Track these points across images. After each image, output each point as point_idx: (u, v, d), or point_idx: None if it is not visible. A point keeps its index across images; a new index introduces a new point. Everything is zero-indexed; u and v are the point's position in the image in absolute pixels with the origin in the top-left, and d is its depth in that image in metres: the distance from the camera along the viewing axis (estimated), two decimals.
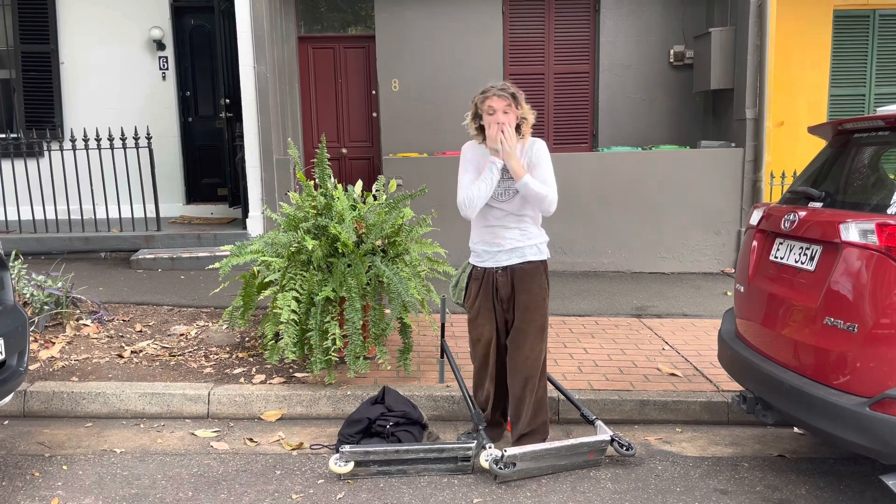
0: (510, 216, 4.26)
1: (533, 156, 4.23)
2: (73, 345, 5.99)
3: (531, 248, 4.30)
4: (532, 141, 4.29)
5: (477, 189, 4.15)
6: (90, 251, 9.38)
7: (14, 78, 10.95)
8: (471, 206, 4.17)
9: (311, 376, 5.26)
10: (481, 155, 4.28)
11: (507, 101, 4.15)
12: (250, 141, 9.31)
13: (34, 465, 4.33)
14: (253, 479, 4.17)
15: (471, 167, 4.27)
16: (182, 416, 5.05)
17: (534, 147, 4.26)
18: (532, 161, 4.21)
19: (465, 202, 4.17)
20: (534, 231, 4.32)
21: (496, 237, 4.28)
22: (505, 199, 4.23)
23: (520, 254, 4.28)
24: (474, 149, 4.34)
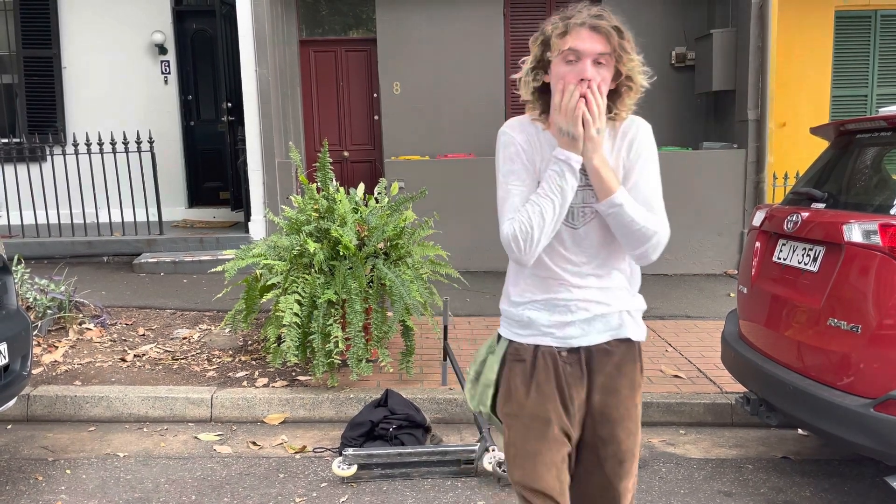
0: (587, 256, 2.31)
1: (632, 151, 2.27)
2: (76, 349, 5.99)
3: (625, 318, 2.36)
4: (629, 122, 2.30)
5: (538, 213, 2.18)
6: (93, 255, 9.38)
7: (16, 83, 10.97)
8: (529, 243, 2.20)
9: (313, 379, 5.26)
10: (538, 144, 2.28)
11: (603, 41, 2.19)
12: (252, 144, 9.31)
13: (37, 469, 4.34)
14: (256, 482, 4.16)
15: (518, 168, 2.27)
16: (185, 419, 5.05)
17: (633, 133, 2.29)
18: (630, 160, 2.27)
19: (520, 237, 2.19)
20: (624, 286, 2.36)
21: (561, 294, 2.32)
22: (578, 224, 2.28)
23: (604, 325, 2.34)
24: (524, 131, 2.31)
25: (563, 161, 2.15)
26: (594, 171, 2.16)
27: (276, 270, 5.32)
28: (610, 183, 2.15)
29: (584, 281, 2.29)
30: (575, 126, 2.12)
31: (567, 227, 2.26)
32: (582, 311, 2.29)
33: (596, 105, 2.11)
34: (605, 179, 2.15)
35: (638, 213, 2.15)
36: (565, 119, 2.13)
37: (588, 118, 2.11)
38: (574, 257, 2.28)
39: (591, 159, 2.15)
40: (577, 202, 2.23)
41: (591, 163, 2.15)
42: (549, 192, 2.16)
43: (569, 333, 2.30)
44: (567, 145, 2.15)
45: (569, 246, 2.27)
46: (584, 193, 2.23)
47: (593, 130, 2.12)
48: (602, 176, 2.15)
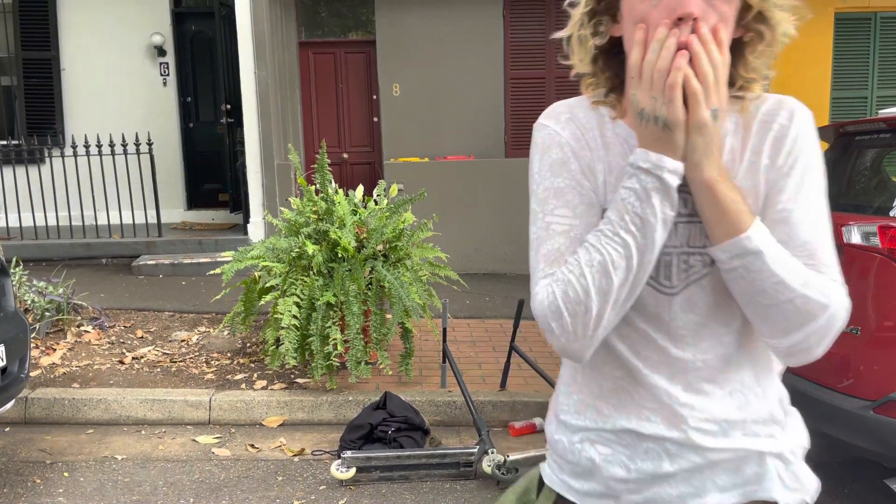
0: (696, 345, 1.37)
1: (780, 156, 1.34)
2: (74, 351, 5.98)
3: (770, 466, 1.38)
4: (774, 104, 1.36)
5: (599, 268, 1.27)
6: (91, 257, 9.37)
7: (15, 84, 10.96)
8: (582, 323, 1.29)
9: (312, 382, 5.25)
10: (603, 144, 1.39)
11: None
12: (251, 146, 9.30)
13: (35, 471, 4.32)
14: (254, 485, 4.15)
15: (566, 186, 1.37)
16: (183, 422, 5.04)
17: (783, 124, 1.35)
18: (776, 173, 1.34)
19: (565, 310, 1.29)
20: (767, 401, 1.40)
21: (650, 420, 1.38)
22: (676, 286, 1.36)
23: (731, 477, 1.38)
24: (577, 123, 1.41)
25: (646, 172, 1.24)
26: (707, 190, 1.25)
27: (274, 272, 5.31)
28: (736, 211, 1.23)
29: (693, 394, 1.35)
30: (670, 106, 1.20)
31: (655, 290, 1.33)
32: (689, 455, 1.35)
33: (709, 65, 1.20)
34: (727, 205, 1.24)
35: (789, 269, 1.23)
36: (651, 93, 1.21)
37: (695, 88, 1.19)
38: (672, 346, 1.34)
39: (700, 168, 1.24)
40: (673, 246, 1.32)
41: (702, 175, 1.24)
42: (619, 228, 1.25)
43: (663, 496, 1.37)
44: (655, 142, 1.24)
45: (660, 325, 1.34)
46: (688, 230, 1.32)
47: (704, 113, 1.20)
48: (721, 199, 1.24)
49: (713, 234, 1.27)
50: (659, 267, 1.33)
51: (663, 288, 1.34)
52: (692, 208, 1.31)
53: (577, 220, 1.34)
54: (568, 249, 1.32)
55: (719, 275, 1.30)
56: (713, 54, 1.20)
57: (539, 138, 1.40)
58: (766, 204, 1.32)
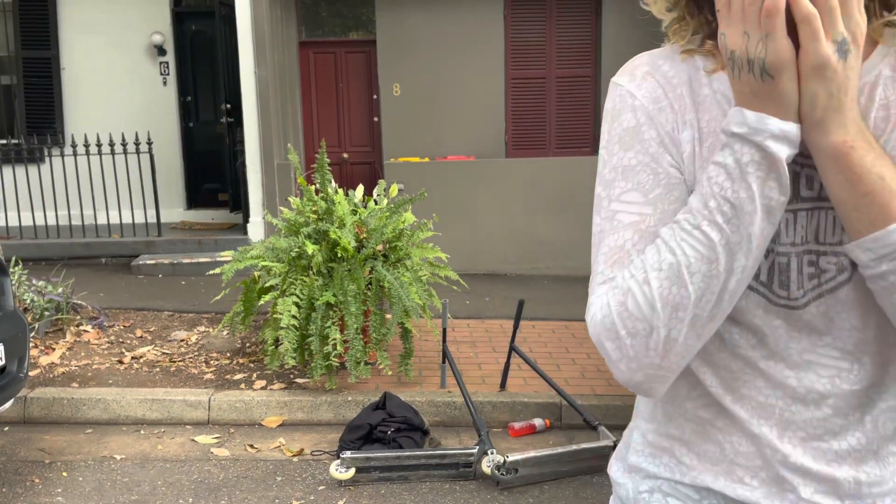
0: (832, 380, 1.01)
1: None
2: (73, 351, 5.98)
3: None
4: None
5: (675, 271, 0.95)
6: (91, 257, 9.36)
7: (15, 83, 10.95)
8: (652, 345, 0.96)
9: (311, 382, 5.24)
10: (694, 104, 1.04)
11: None
12: (251, 146, 9.30)
13: (34, 471, 4.31)
14: (253, 485, 4.15)
15: (640, 163, 1.04)
16: (182, 422, 5.03)
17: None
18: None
19: (624, 328, 0.97)
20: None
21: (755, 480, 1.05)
22: (798, 296, 1.00)
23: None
24: (664, 77, 1.06)
25: (742, 139, 0.92)
26: (836, 161, 0.91)
27: (274, 272, 5.30)
28: (882, 191, 0.90)
29: (812, 453, 1.02)
30: (768, 41, 0.88)
31: (768, 302, 1.01)
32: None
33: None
34: (868, 181, 0.90)
35: None
36: (743, 26, 0.90)
37: (806, 11, 0.87)
38: (790, 383, 1.02)
39: (824, 129, 0.91)
40: (791, 243, 1.00)
41: (827, 139, 0.91)
42: (701, 219, 0.94)
43: None
44: (753, 97, 0.92)
45: (773, 351, 1.02)
46: (816, 220, 0.99)
47: (824, 47, 0.87)
48: (858, 172, 0.90)
49: (849, 224, 0.92)
50: (773, 271, 0.99)
51: (779, 299, 1.00)
52: (820, 189, 0.97)
53: (651, 208, 1.01)
54: (636, 247, 1.00)
55: (862, 283, 0.96)
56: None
57: (609, 102, 1.09)
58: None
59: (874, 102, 0.96)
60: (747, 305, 1.01)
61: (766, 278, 1.01)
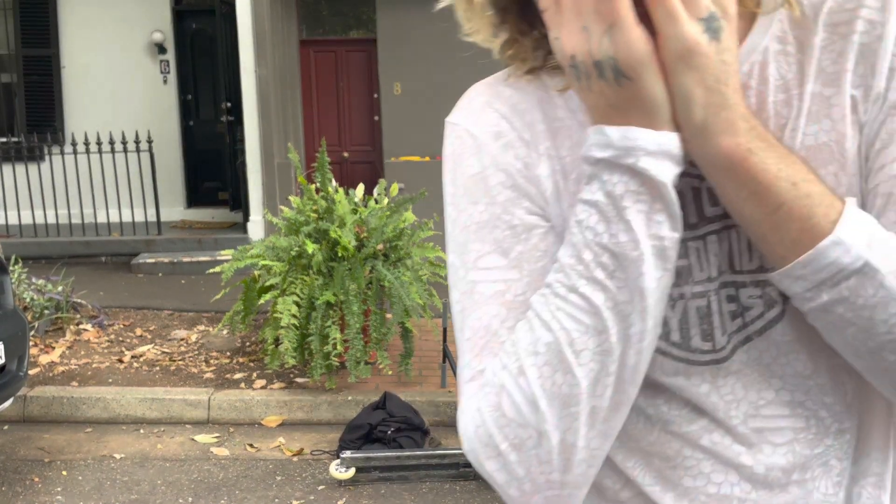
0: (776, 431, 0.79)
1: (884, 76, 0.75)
2: (73, 349, 5.97)
3: None
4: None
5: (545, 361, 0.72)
6: (91, 255, 9.35)
7: (15, 82, 10.95)
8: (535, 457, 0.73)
9: (311, 381, 5.23)
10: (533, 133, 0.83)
11: None
12: (251, 145, 9.29)
13: (34, 470, 4.31)
14: (253, 485, 4.14)
15: (485, 214, 0.82)
16: (182, 421, 5.02)
17: (874, 24, 0.75)
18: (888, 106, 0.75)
19: (500, 437, 0.74)
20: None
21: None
22: (724, 346, 0.78)
23: None
24: (495, 104, 0.86)
25: (609, 165, 0.71)
26: (733, 172, 0.71)
27: (274, 271, 5.29)
28: (800, 198, 0.70)
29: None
30: (615, 32, 0.67)
31: (685, 363, 0.80)
32: None
33: None
34: (778, 190, 0.70)
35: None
36: (579, 21, 0.69)
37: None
38: (748, 456, 0.79)
39: (708, 133, 0.70)
40: (703, 280, 0.79)
41: (715, 145, 0.70)
42: (577, 278, 0.72)
43: None
44: (610, 109, 0.71)
45: (717, 417, 0.80)
46: (727, 244, 0.79)
47: (688, 27, 0.67)
48: (764, 182, 0.70)
49: (769, 249, 0.72)
50: (687, 322, 0.78)
51: (703, 356, 0.78)
52: (720, 215, 0.78)
53: (516, 272, 0.79)
54: (505, 324, 0.77)
55: (798, 319, 0.75)
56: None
57: (447, 147, 0.87)
58: (874, 166, 0.75)
59: (768, 85, 0.77)
60: (662, 375, 0.78)
61: (680, 336, 0.78)
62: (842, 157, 0.75)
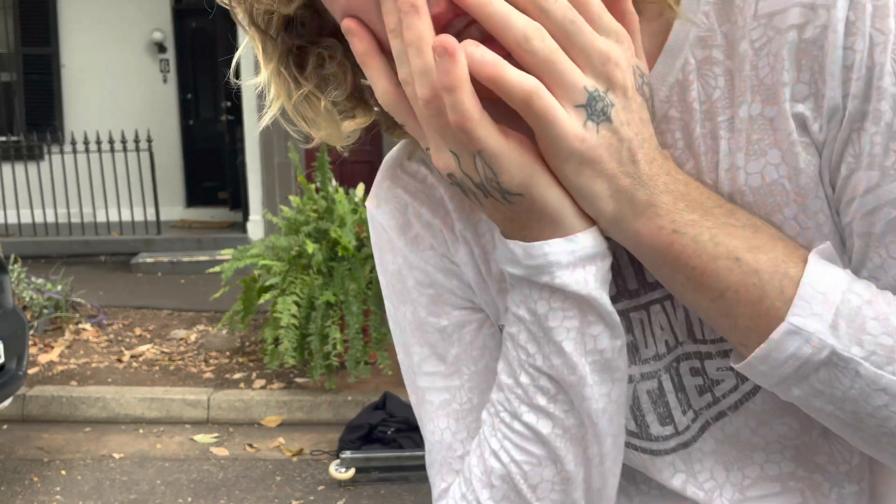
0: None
1: (835, 85, 0.57)
2: (72, 349, 5.96)
3: None
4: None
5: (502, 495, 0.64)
6: (90, 255, 9.35)
7: (15, 80, 10.94)
8: None
9: (311, 381, 5.23)
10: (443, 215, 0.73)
11: None
12: (251, 144, 9.29)
13: (33, 469, 4.30)
14: (253, 485, 4.14)
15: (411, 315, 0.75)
16: (181, 421, 5.02)
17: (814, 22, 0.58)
18: (846, 120, 0.57)
19: None
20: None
21: None
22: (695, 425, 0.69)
23: None
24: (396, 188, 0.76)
25: (529, 282, 0.60)
26: (666, 258, 0.58)
27: (274, 271, 5.29)
28: (748, 279, 0.57)
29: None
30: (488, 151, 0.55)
31: (650, 453, 0.71)
32: None
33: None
34: (722, 275, 0.57)
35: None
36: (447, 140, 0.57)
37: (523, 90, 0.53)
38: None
39: (627, 222, 0.58)
40: (653, 356, 0.69)
41: (637, 234, 0.58)
42: (519, 404, 0.63)
43: None
44: (511, 223, 0.60)
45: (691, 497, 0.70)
46: (680, 307, 0.67)
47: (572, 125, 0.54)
48: (702, 266, 0.57)
49: (723, 334, 0.61)
50: (639, 409, 0.70)
51: (666, 442, 0.70)
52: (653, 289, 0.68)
53: (458, 378, 0.72)
54: (457, 436, 0.72)
55: (767, 396, 0.66)
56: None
57: (371, 236, 0.80)
58: (843, 199, 0.60)
59: (693, 113, 0.62)
60: (630, 466, 0.72)
61: (636, 424, 0.70)
62: (799, 195, 0.60)
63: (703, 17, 0.62)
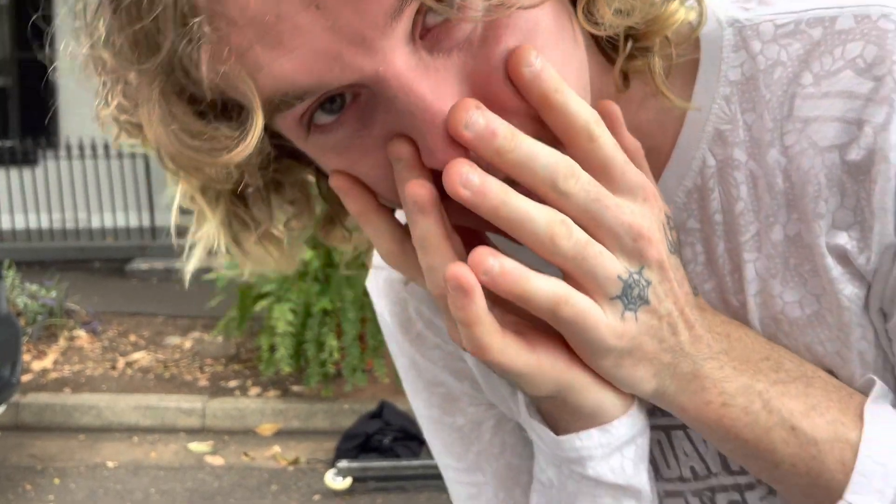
0: None
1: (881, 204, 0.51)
2: (66, 356, 5.93)
3: None
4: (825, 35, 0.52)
5: None
6: (84, 261, 9.31)
7: (10, 86, 10.91)
8: None
9: (307, 389, 5.20)
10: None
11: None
12: None
13: (26, 477, 4.27)
14: (248, 494, 4.11)
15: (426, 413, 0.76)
16: (176, 429, 4.99)
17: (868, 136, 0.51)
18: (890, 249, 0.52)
19: None
20: None
21: None
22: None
23: None
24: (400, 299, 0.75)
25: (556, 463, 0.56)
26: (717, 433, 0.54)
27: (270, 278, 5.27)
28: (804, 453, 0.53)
29: None
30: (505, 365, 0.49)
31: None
32: None
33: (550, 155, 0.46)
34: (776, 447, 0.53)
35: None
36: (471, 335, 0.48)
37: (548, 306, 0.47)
38: None
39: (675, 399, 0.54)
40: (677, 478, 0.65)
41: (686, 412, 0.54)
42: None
43: None
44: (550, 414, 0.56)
45: None
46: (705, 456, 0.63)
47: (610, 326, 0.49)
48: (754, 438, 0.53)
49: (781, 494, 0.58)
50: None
51: None
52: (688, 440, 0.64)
53: (481, 474, 0.72)
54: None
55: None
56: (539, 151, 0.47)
57: (378, 318, 0.78)
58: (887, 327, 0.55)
59: (714, 227, 0.57)
60: None
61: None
62: (842, 330, 0.54)
63: (722, 102, 0.55)
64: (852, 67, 0.50)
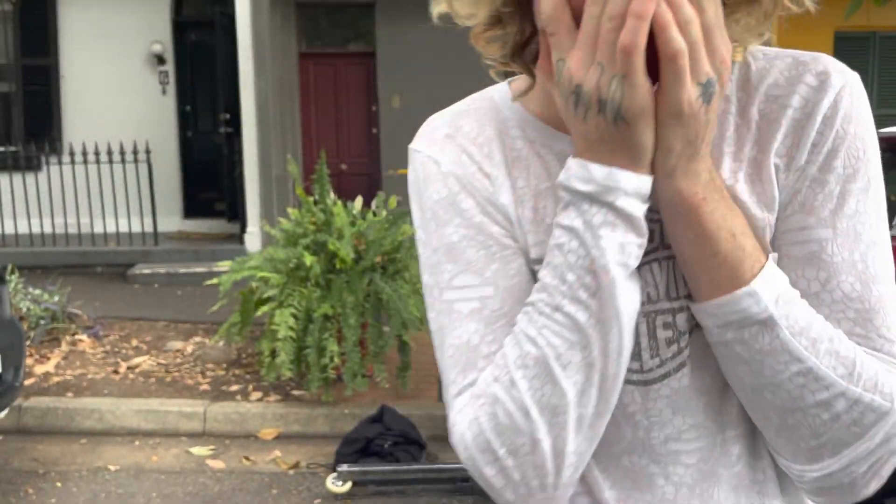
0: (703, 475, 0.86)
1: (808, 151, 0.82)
2: (68, 360, 5.94)
3: None
4: (791, 66, 0.86)
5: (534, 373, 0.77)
6: (87, 265, 9.33)
7: (14, 91, 10.95)
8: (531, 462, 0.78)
9: (307, 394, 5.21)
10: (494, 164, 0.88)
11: None
12: (249, 156, 9.29)
13: (28, 481, 4.29)
14: (249, 498, 4.12)
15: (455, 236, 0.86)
16: (178, 433, 5.00)
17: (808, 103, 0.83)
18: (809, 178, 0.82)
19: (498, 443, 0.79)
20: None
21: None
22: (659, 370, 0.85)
23: None
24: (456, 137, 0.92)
25: (589, 198, 0.75)
26: (687, 215, 0.77)
27: (271, 283, 5.28)
28: (733, 249, 0.77)
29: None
30: (627, 81, 0.70)
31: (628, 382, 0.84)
32: None
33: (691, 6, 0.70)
34: (718, 238, 0.77)
35: (823, 349, 0.77)
36: (598, 57, 0.71)
37: (676, 47, 0.69)
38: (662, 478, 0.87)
39: (675, 179, 0.75)
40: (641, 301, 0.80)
41: (678, 190, 0.76)
42: (561, 297, 0.77)
43: None
44: (600, 144, 0.74)
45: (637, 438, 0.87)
46: (667, 271, 0.84)
47: (689, 89, 0.70)
48: (708, 228, 0.76)
49: (695, 284, 0.79)
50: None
51: (630, 375, 0.83)
52: (662, 243, 0.83)
53: (492, 288, 0.83)
54: (485, 339, 0.82)
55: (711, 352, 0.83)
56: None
57: (412, 173, 0.94)
58: (783, 229, 0.82)
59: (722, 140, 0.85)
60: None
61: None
62: (764, 217, 0.83)
63: (730, 84, 0.84)
64: (809, 72, 0.84)
